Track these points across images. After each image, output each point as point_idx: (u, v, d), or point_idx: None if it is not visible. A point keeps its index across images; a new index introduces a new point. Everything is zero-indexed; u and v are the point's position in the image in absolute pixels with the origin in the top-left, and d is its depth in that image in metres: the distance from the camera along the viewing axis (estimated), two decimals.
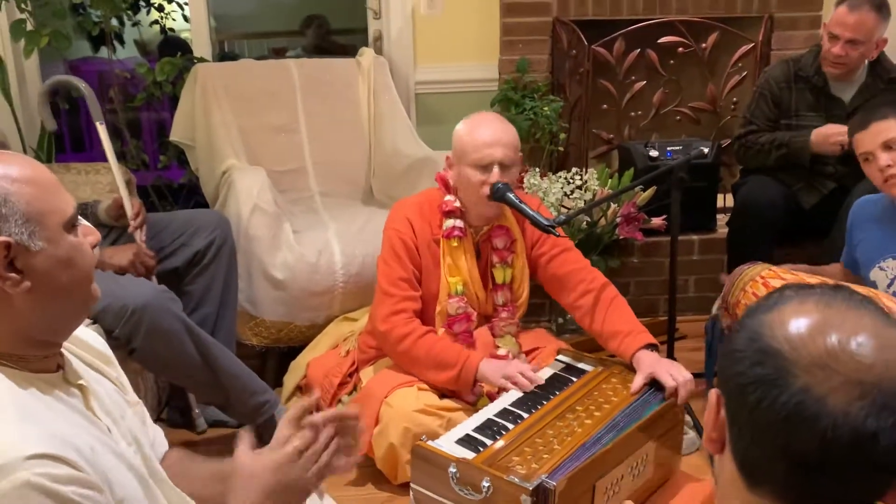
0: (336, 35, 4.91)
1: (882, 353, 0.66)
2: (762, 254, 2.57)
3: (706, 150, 2.99)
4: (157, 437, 1.26)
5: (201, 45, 3.43)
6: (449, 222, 2.12)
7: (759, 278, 2.11)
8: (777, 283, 2.07)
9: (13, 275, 0.94)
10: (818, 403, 0.65)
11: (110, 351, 1.21)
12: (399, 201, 2.23)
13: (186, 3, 3.77)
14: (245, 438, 1.11)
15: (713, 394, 0.77)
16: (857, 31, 2.60)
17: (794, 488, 0.69)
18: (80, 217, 1.04)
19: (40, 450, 0.87)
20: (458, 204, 2.13)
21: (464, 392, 2.06)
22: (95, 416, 1.04)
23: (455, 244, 2.12)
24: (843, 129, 2.59)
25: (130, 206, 2.30)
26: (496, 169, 2.03)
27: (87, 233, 1.05)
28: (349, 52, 3.29)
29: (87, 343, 1.16)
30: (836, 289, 0.73)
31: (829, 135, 2.66)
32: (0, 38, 3.09)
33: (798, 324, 0.69)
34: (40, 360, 1.00)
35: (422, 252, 2.13)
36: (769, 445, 0.68)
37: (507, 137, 2.07)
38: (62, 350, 1.06)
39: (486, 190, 2.04)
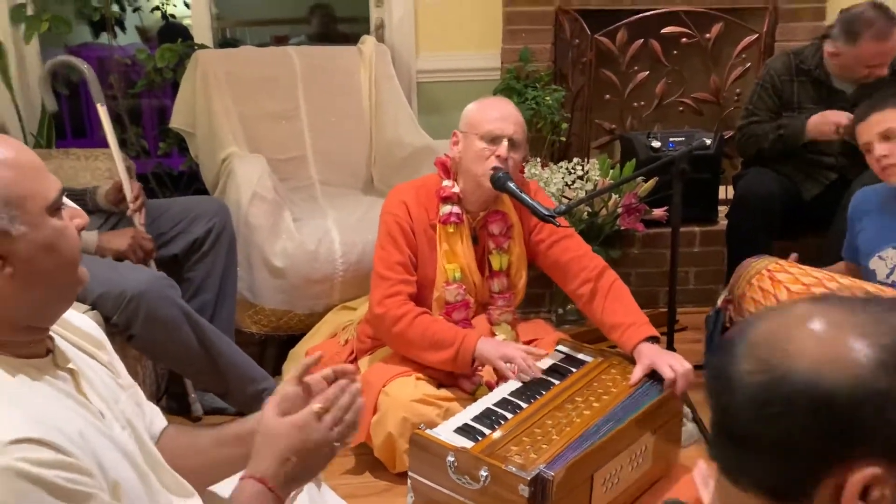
0: (341, 24, 4.89)
1: (803, 343, 0.68)
2: (761, 246, 2.56)
3: (708, 142, 2.97)
4: (154, 417, 1.25)
5: (202, 32, 3.41)
6: (446, 208, 2.12)
7: (766, 271, 2.10)
8: (783, 277, 2.07)
9: None
10: (732, 369, 0.69)
11: (103, 335, 1.20)
12: (396, 186, 2.22)
13: None
14: (273, 401, 1.08)
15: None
16: (891, 54, 2.64)
17: (722, 455, 0.72)
18: (65, 200, 1.02)
19: (24, 434, 0.86)
20: (455, 189, 2.12)
21: (463, 370, 2.05)
22: (87, 400, 1.03)
23: (451, 230, 2.11)
24: (841, 113, 2.59)
25: (129, 188, 2.29)
26: (505, 143, 2.03)
27: (74, 215, 1.02)
28: (353, 40, 3.27)
29: (77, 327, 1.15)
30: (850, 294, 0.73)
31: (826, 115, 2.66)
32: (0, 22, 3.07)
33: (775, 309, 0.73)
34: (27, 346, 0.99)
35: (418, 237, 2.12)
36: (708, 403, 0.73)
37: (518, 118, 2.09)
38: (51, 334, 1.05)
39: (493, 161, 2.03)
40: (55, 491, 0.86)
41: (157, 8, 4.23)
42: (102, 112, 2.35)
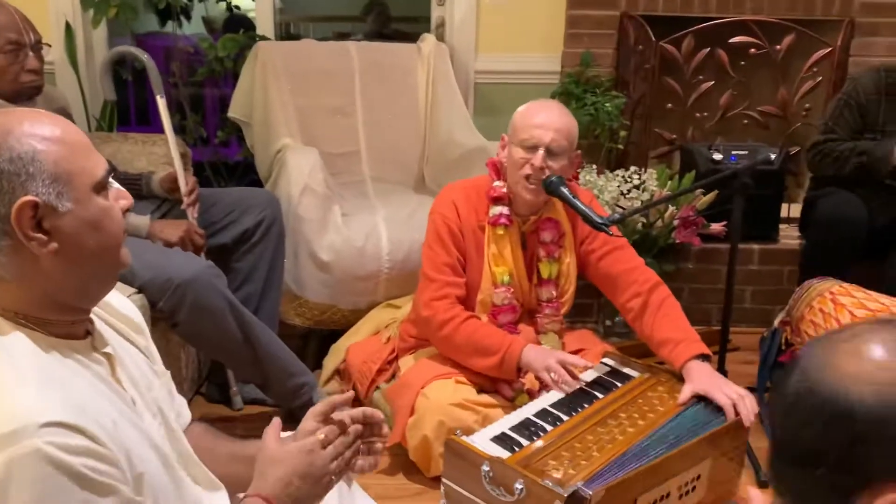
0: (397, 22, 4.90)
1: (841, 357, 0.68)
2: (839, 270, 2.45)
3: (773, 157, 2.88)
4: (181, 409, 1.25)
5: (265, 24, 3.44)
6: (496, 209, 2.08)
7: (829, 294, 2.01)
8: (846, 301, 1.98)
9: (40, 235, 0.92)
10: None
11: (142, 319, 1.20)
12: (447, 185, 2.19)
13: None
14: (275, 424, 1.11)
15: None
16: None
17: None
18: (112, 180, 1.02)
19: (57, 417, 0.86)
20: (506, 190, 2.08)
21: (508, 378, 2.01)
22: (121, 387, 1.02)
23: (501, 232, 2.07)
24: None
25: (185, 181, 2.31)
26: (541, 152, 1.98)
27: (120, 196, 1.02)
28: (409, 39, 3.26)
29: (116, 310, 1.14)
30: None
31: None
32: (71, 7, 3.14)
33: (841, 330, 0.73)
34: (68, 325, 0.99)
35: (466, 238, 2.08)
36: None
37: (562, 124, 2.01)
38: (91, 317, 1.04)
39: (527, 170, 1.99)
40: (78, 479, 0.86)
41: None
42: (161, 104, 2.38)
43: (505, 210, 2.08)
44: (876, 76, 2.67)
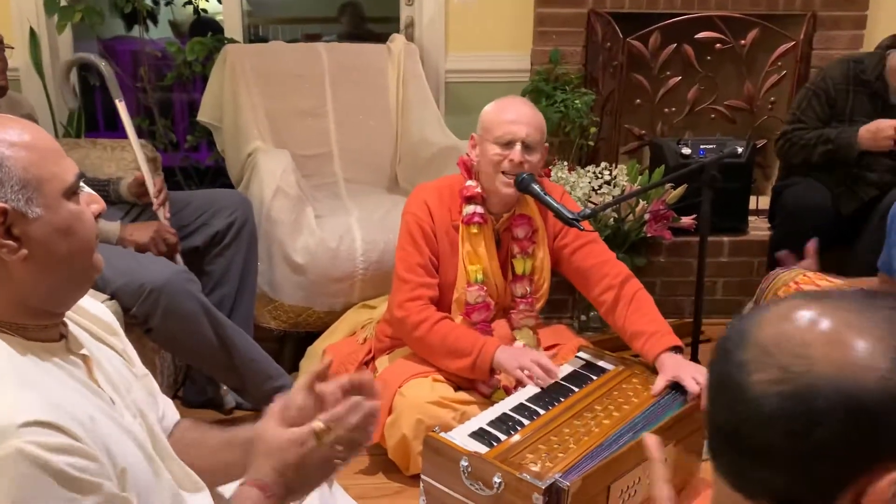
0: (372, 23, 4.89)
1: (825, 348, 0.64)
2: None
3: (740, 150, 2.92)
4: (166, 409, 1.24)
5: (233, 27, 3.42)
6: (469, 208, 2.09)
7: (794, 283, 2.05)
8: (811, 290, 2.01)
9: (10, 242, 0.92)
10: (742, 377, 0.66)
11: (116, 322, 1.19)
12: (418, 185, 2.19)
13: None
14: (273, 411, 1.05)
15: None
16: None
17: (720, 462, 0.70)
18: (82, 185, 1.01)
19: (35, 417, 0.85)
20: (479, 189, 2.09)
21: (481, 379, 2.03)
22: (98, 387, 1.02)
23: (475, 231, 2.08)
24: (893, 121, 2.50)
25: (153, 183, 2.29)
26: (518, 147, 1.99)
27: (91, 201, 1.02)
28: (383, 40, 3.26)
29: (91, 313, 1.14)
30: (849, 292, 0.69)
31: (879, 129, 2.56)
32: (35, 12, 3.10)
33: (777, 311, 0.68)
34: (41, 330, 0.98)
35: (439, 238, 2.09)
36: (706, 414, 0.70)
37: (533, 119, 2.03)
38: (65, 320, 1.04)
39: (505, 165, 2.00)
40: (61, 479, 0.85)
41: (190, 2, 4.25)
42: (121, 107, 2.35)
43: (479, 209, 2.09)
44: (845, 67, 2.72)
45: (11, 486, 0.82)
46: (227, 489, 1.21)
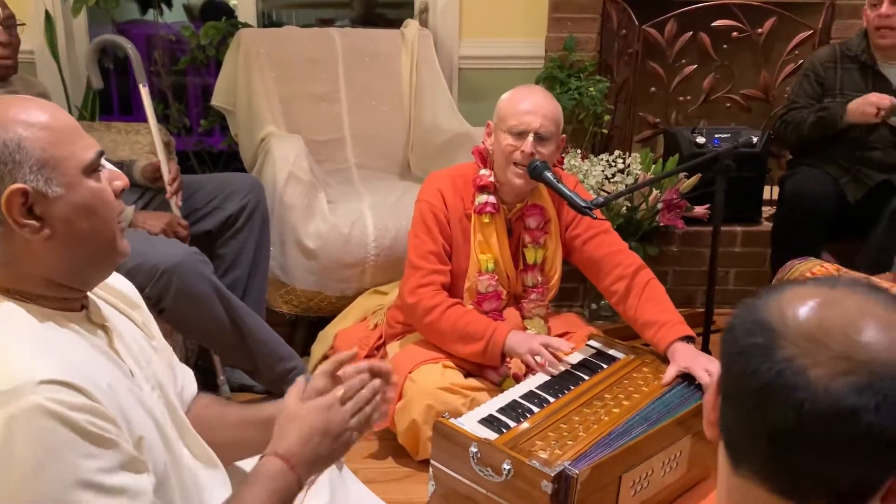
0: (384, 8, 4.87)
1: (879, 333, 0.63)
2: (809, 248, 2.48)
3: (755, 140, 2.90)
4: (186, 381, 1.24)
5: (247, 12, 3.42)
6: (482, 197, 2.08)
7: (810, 274, 2.03)
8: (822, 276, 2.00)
9: (32, 222, 0.93)
10: (798, 375, 0.62)
11: (138, 295, 1.19)
12: (432, 173, 2.19)
13: None
14: (298, 384, 1.08)
15: (714, 374, 0.73)
16: None
17: (772, 466, 0.66)
18: (104, 162, 1.01)
19: (55, 376, 0.86)
20: (492, 178, 2.08)
21: (492, 364, 2.03)
22: (119, 358, 1.02)
23: (486, 220, 2.08)
24: (884, 96, 2.52)
25: (167, 170, 2.30)
26: (531, 138, 1.98)
27: (113, 178, 1.02)
28: (397, 25, 3.25)
29: (112, 287, 1.14)
30: (856, 279, 0.69)
31: (867, 97, 2.57)
32: None
33: (797, 299, 0.67)
34: (62, 301, 0.99)
35: (452, 226, 2.09)
36: (748, 417, 0.66)
37: (549, 110, 2.02)
38: (87, 293, 1.04)
39: (517, 156, 1.99)
40: (82, 433, 0.86)
41: None
42: (144, 93, 2.36)
43: (491, 198, 2.08)
44: (831, 49, 2.78)
45: (32, 439, 0.83)
46: (247, 465, 1.22)
